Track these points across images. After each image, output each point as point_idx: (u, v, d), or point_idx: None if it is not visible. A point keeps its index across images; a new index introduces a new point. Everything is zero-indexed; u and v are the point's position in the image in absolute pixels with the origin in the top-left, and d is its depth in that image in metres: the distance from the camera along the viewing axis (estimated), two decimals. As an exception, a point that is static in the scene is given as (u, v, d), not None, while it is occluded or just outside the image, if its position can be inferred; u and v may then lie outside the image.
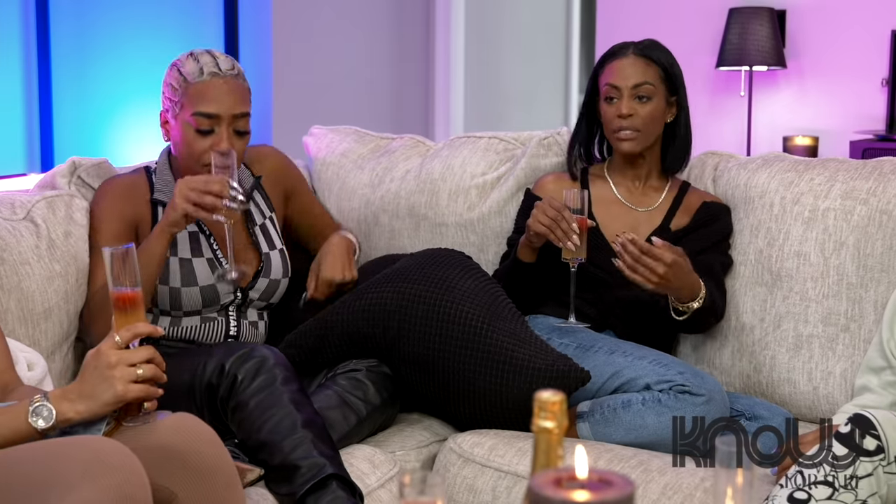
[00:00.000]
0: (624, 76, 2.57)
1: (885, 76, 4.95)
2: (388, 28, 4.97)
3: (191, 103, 2.37)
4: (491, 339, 2.34)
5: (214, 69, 2.38)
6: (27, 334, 2.30)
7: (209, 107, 2.36)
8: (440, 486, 1.20)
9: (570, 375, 2.30)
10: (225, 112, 2.37)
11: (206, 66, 2.38)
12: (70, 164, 2.57)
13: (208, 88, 2.36)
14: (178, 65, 2.42)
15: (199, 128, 2.36)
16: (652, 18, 5.31)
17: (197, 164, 2.38)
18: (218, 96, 2.37)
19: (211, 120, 2.36)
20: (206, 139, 2.37)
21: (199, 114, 2.36)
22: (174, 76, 2.41)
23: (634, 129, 2.56)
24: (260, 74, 4.26)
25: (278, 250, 2.55)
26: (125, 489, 1.58)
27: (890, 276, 2.44)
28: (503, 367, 2.32)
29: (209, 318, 2.46)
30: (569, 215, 2.38)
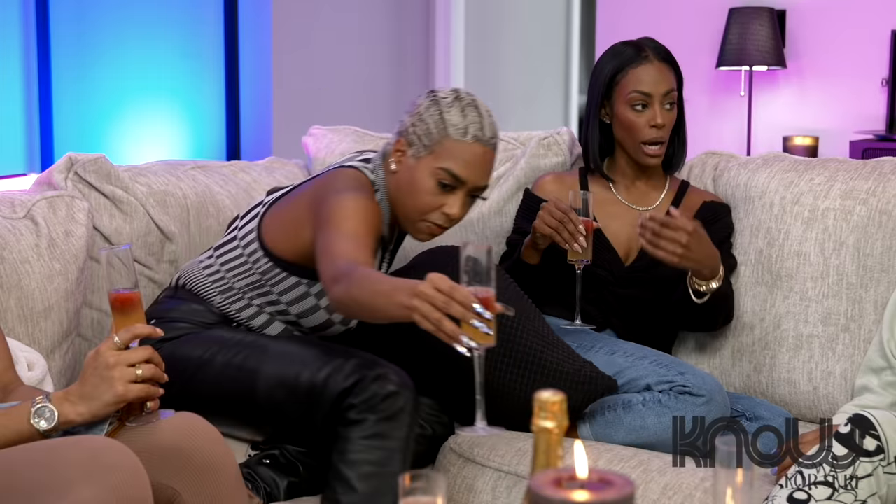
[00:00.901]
0: (654, 83, 2.52)
1: (885, 76, 4.95)
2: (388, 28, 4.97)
3: (442, 157, 2.22)
4: (521, 340, 2.33)
5: (479, 133, 2.23)
6: (27, 333, 2.30)
7: (461, 169, 2.22)
8: (441, 486, 1.20)
9: (597, 381, 2.31)
10: (471, 182, 2.24)
11: (472, 127, 2.23)
12: (67, 160, 2.57)
13: (465, 152, 2.23)
14: (443, 106, 2.25)
15: (443, 182, 2.23)
16: (652, 18, 5.31)
17: (419, 217, 2.26)
18: (471, 163, 2.23)
19: (455, 181, 2.23)
20: (444, 196, 2.24)
21: (448, 172, 2.22)
22: (433, 116, 2.24)
23: (663, 138, 2.55)
24: (260, 74, 4.26)
25: None
26: (125, 489, 1.58)
27: (890, 276, 2.44)
28: (532, 369, 2.31)
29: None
30: (575, 217, 2.37)
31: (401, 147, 2.27)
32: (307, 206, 2.27)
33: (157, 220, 2.60)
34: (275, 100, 4.28)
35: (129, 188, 2.59)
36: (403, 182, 2.26)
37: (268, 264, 2.31)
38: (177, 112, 4.02)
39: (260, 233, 2.34)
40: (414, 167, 2.25)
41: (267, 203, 2.38)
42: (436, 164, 2.22)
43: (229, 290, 2.36)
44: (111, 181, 2.57)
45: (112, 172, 2.58)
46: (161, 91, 3.96)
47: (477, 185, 2.26)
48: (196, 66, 4.10)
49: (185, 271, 2.43)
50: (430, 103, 2.26)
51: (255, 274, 2.33)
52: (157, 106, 3.95)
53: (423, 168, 2.24)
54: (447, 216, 2.25)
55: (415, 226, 2.28)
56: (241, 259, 2.35)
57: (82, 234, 2.45)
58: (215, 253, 2.40)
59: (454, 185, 2.23)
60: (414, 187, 2.25)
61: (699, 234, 2.34)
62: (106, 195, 2.56)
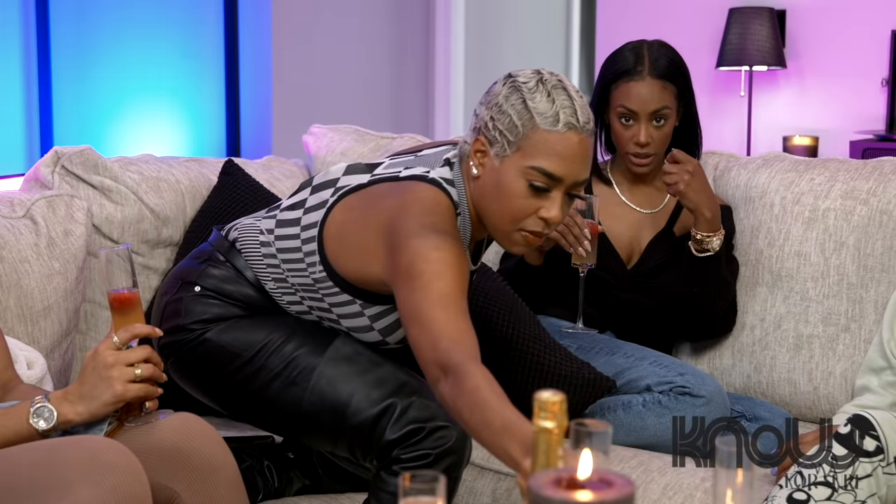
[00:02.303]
0: (641, 101, 2.48)
1: (885, 76, 4.95)
2: (388, 28, 4.97)
3: (531, 153, 1.87)
4: (517, 344, 2.33)
5: (573, 119, 1.87)
6: (26, 332, 2.30)
7: (557, 166, 1.87)
8: (441, 486, 1.20)
9: (596, 383, 2.31)
10: (569, 178, 1.89)
11: (564, 112, 1.87)
12: (53, 154, 2.57)
13: (558, 144, 1.87)
14: (525, 93, 1.89)
15: (535, 184, 1.88)
16: (652, 18, 5.31)
17: (513, 226, 1.93)
18: (566, 157, 1.87)
19: (551, 181, 1.89)
20: (537, 200, 1.90)
21: (542, 171, 1.88)
22: (516, 106, 1.88)
23: (649, 152, 2.53)
24: (260, 74, 4.26)
25: None
26: (124, 489, 1.58)
27: (890, 276, 2.44)
28: (530, 374, 2.31)
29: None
30: (581, 221, 2.36)
31: (481, 147, 1.93)
32: (379, 236, 1.93)
33: (151, 205, 2.59)
34: (275, 99, 4.28)
35: (118, 177, 2.58)
36: (488, 188, 1.92)
37: (322, 274, 2.02)
38: (177, 112, 4.02)
39: (321, 237, 2.02)
40: (499, 169, 1.90)
41: (342, 189, 2.04)
42: (525, 162, 1.88)
43: (283, 283, 2.08)
44: (99, 172, 2.57)
45: (99, 163, 2.58)
46: (161, 91, 3.96)
47: (577, 180, 1.91)
48: (196, 66, 4.10)
49: (242, 235, 2.13)
50: (511, 90, 1.90)
51: (308, 277, 2.04)
52: (157, 106, 3.94)
53: (510, 169, 1.89)
54: (545, 221, 1.91)
55: (509, 238, 1.95)
56: (297, 255, 2.05)
57: (81, 234, 2.45)
58: (276, 229, 2.09)
59: (549, 185, 1.89)
60: (501, 193, 1.90)
61: (700, 174, 2.43)
62: (94, 186, 2.56)
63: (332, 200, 2.03)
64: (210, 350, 2.06)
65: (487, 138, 1.91)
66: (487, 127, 1.91)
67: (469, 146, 1.95)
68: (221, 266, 2.11)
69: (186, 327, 2.07)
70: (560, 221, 1.93)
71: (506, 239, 1.96)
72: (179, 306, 2.09)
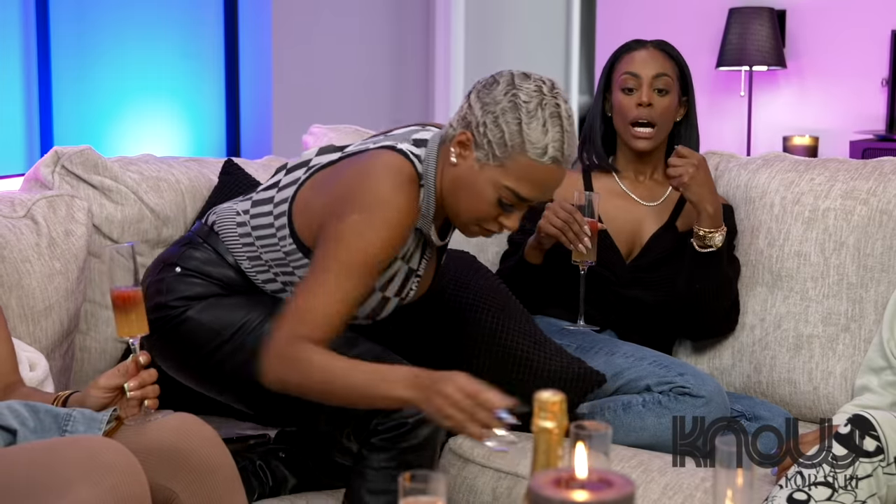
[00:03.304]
0: (645, 65, 2.57)
1: (885, 76, 4.95)
2: (388, 28, 4.97)
3: (511, 174, 1.97)
4: (506, 341, 2.33)
5: (558, 155, 1.96)
6: (28, 332, 2.30)
7: (528, 192, 1.99)
8: (441, 486, 1.20)
9: (586, 378, 2.31)
10: (536, 199, 2.02)
11: (553, 147, 1.95)
12: (53, 154, 2.56)
13: (538, 174, 1.97)
14: (523, 115, 1.95)
15: (504, 201, 2.00)
16: (652, 18, 5.31)
17: (471, 220, 2.05)
18: (541, 185, 1.99)
19: (520, 202, 2.01)
20: (501, 210, 2.02)
21: (513, 192, 1.98)
22: (511, 126, 1.95)
23: (652, 120, 2.55)
24: (260, 74, 4.26)
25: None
26: (123, 489, 1.58)
27: (890, 276, 2.44)
28: (519, 369, 2.31)
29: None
30: (581, 218, 2.37)
31: (465, 141, 2.00)
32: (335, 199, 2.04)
33: (151, 205, 2.59)
34: (275, 99, 4.28)
35: (118, 177, 2.58)
36: (461, 182, 2.02)
37: (291, 246, 2.11)
38: (177, 112, 4.02)
39: (291, 209, 2.11)
40: (477, 172, 1.99)
41: (313, 168, 2.14)
42: (502, 180, 1.97)
43: (257, 260, 2.16)
44: (99, 171, 2.57)
45: (99, 163, 2.58)
46: (161, 91, 3.96)
47: (541, 201, 2.09)
48: (196, 66, 4.10)
49: (220, 218, 2.22)
50: (510, 105, 1.96)
51: (279, 252, 2.13)
52: (157, 106, 3.94)
53: (486, 178, 1.98)
54: (504, 227, 2.04)
55: (466, 228, 2.08)
56: (270, 231, 2.14)
57: (82, 234, 2.45)
58: (251, 209, 2.18)
59: (516, 204, 2.01)
60: (471, 193, 2.00)
61: (705, 168, 2.45)
62: (94, 186, 2.55)
63: (304, 178, 2.13)
64: (191, 329, 2.13)
65: (475, 139, 1.98)
66: (478, 128, 1.98)
67: (454, 132, 2.02)
68: (202, 248, 2.19)
69: (168, 304, 2.15)
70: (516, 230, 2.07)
71: (463, 227, 2.09)
72: (161, 286, 2.17)
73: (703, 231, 2.45)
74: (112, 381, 1.80)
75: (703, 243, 2.46)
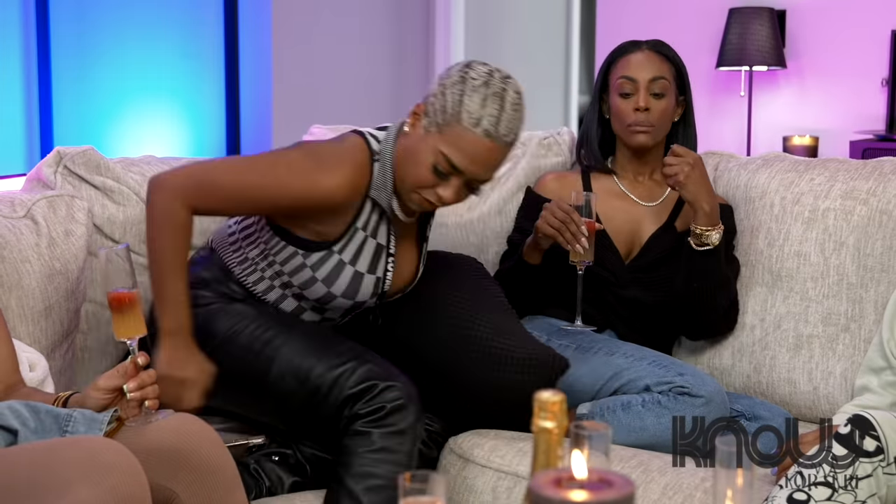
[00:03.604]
0: (641, 69, 2.56)
1: (885, 76, 4.95)
2: (388, 28, 4.97)
3: (447, 140, 2.12)
4: (473, 331, 2.34)
5: (491, 129, 2.11)
6: (27, 332, 2.30)
7: (460, 160, 2.12)
8: (441, 486, 1.20)
9: (549, 364, 2.31)
10: (469, 174, 2.15)
11: (486, 120, 2.11)
12: (55, 154, 2.56)
13: (470, 143, 2.12)
14: (468, 87, 2.13)
15: (438, 167, 2.14)
16: (652, 18, 5.31)
17: (411, 188, 2.19)
18: (476, 156, 2.13)
19: (452, 169, 2.14)
20: (438, 179, 2.15)
21: (447, 158, 2.12)
22: (455, 95, 2.13)
23: (649, 123, 2.56)
24: (260, 74, 4.26)
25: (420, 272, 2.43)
26: (123, 489, 1.58)
27: (890, 276, 2.44)
28: (483, 359, 2.32)
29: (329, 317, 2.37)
30: (578, 218, 2.38)
31: (419, 112, 2.18)
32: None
33: None
34: (275, 99, 4.28)
35: (120, 178, 2.58)
36: (410, 150, 2.18)
37: (269, 232, 2.26)
38: (177, 112, 4.02)
39: None
40: (422, 139, 2.15)
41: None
42: (439, 146, 2.12)
43: (245, 261, 2.29)
44: (101, 172, 2.56)
45: (102, 163, 2.57)
46: (161, 91, 3.96)
47: (476, 178, 2.17)
48: (196, 66, 4.10)
49: (216, 233, 2.39)
50: (459, 79, 2.14)
51: (261, 243, 2.27)
52: (157, 106, 3.94)
53: (428, 143, 2.14)
54: (439, 198, 2.17)
55: (408, 195, 2.20)
56: (253, 226, 2.30)
57: (82, 234, 2.45)
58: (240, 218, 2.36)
59: (450, 173, 2.14)
60: (415, 159, 2.16)
61: (700, 167, 2.46)
62: (97, 186, 2.55)
63: None
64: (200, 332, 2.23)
65: (426, 108, 2.16)
66: (429, 99, 2.16)
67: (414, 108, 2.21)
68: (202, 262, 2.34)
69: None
70: (454, 203, 2.19)
71: (405, 196, 2.21)
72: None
73: (700, 229, 2.45)
74: (111, 383, 1.80)
75: (700, 242, 2.46)
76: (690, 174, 2.43)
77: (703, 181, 2.45)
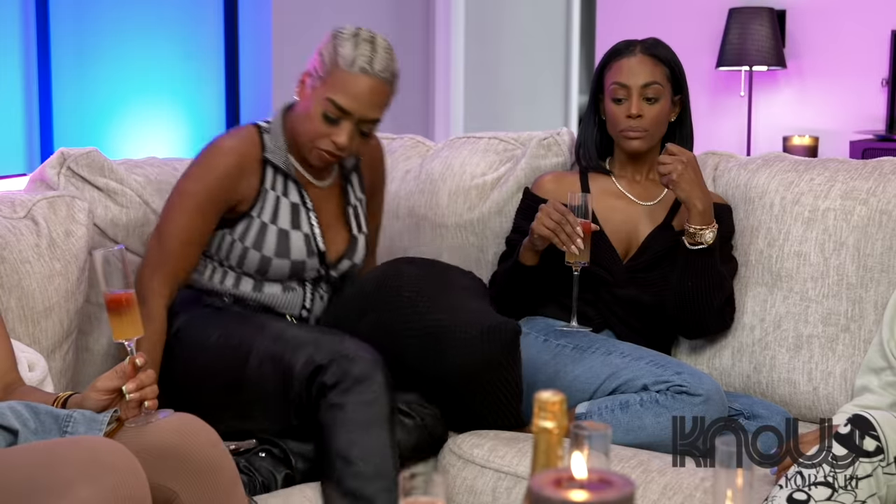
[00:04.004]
0: (633, 75, 2.55)
1: (885, 76, 4.95)
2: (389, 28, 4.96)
3: (330, 87, 2.32)
4: (430, 318, 2.36)
5: (366, 66, 2.32)
6: (27, 332, 2.30)
7: (345, 101, 2.31)
8: (441, 486, 1.20)
9: (499, 328, 2.32)
10: (357, 112, 2.32)
11: (361, 58, 2.31)
12: (59, 155, 2.56)
13: (352, 83, 2.31)
14: (338, 40, 2.34)
15: (328, 114, 2.32)
16: (652, 18, 5.31)
17: (311, 144, 2.37)
18: (358, 94, 2.32)
19: (341, 113, 2.32)
20: (329, 127, 2.33)
21: (333, 103, 2.31)
22: (329, 50, 2.34)
23: (643, 129, 2.56)
24: (260, 74, 4.26)
25: (364, 235, 2.57)
26: (123, 489, 1.58)
27: (890, 276, 2.44)
28: (440, 342, 2.33)
29: (290, 287, 2.47)
30: (573, 219, 2.38)
31: (303, 78, 2.38)
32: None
33: (155, 207, 2.58)
34: (275, 99, 4.28)
35: (123, 180, 2.58)
36: (301, 112, 2.37)
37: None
38: (177, 112, 4.02)
39: None
40: (310, 96, 2.35)
41: None
42: (325, 94, 2.31)
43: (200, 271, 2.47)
44: (104, 174, 2.56)
45: (105, 165, 2.57)
46: (161, 91, 3.96)
47: (364, 117, 2.33)
48: (196, 66, 4.10)
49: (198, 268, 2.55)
50: (331, 37, 2.36)
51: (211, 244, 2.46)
52: (157, 106, 3.94)
53: (315, 97, 2.33)
54: (336, 144, 2.33)
55: (308, 152, 2.38)
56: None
57: (83, 234, 2.45)
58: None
59: (339, 116, 2.31)
60: (307, 115, 2.35)
61: (694, 165, 2.46)
62: (100, 188, 2.55)
63: None
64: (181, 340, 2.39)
65: (309, 72, 2.36)
66: (310, 64, 2.36)
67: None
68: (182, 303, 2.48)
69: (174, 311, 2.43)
70: (350, 149, 2.36)
71: (308, 153, 2.39)
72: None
73: (694, 228, 2.45)
74: (110, 384, 1.80)
75: (694, 241, 2.46)
76: (684, 173, 2.43)
77: (696, 179, 2.45)
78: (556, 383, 2.35)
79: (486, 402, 2.37)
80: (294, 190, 2.45)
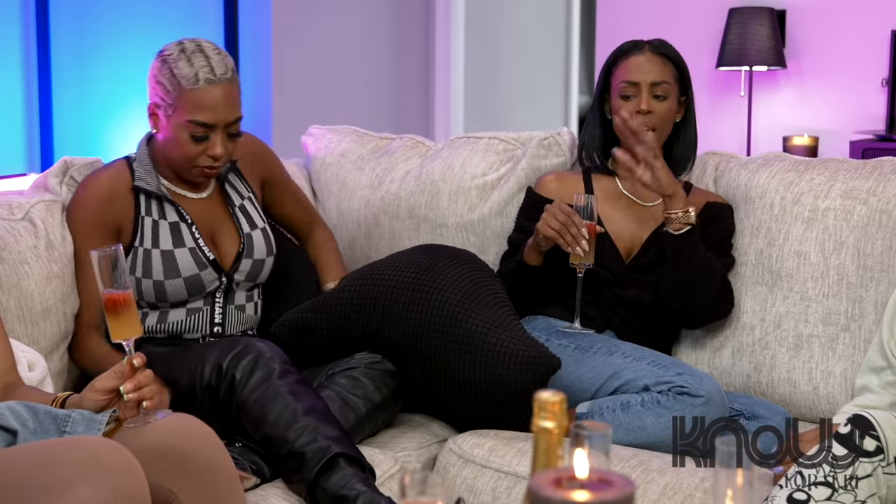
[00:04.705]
0: (643, 72, 2.56)
1: (885, 76, 4.95)
2: (388, 28, 4.97)
3: (186, 110, 2.34)
4: (466, 325, 2.35)
5: (210, 75, 2.34)
6: (26, 333, 2.30)
7: (206, 116, 2.34)
8: (440, 486, 1.20)
9: (540, 361, 2.30)
10: (220, 121, 2.36)
11: (202, 71, 2.34)
12: (62, 163, 2.56)
13: (204, 97, 2.33)
14: (171, 63, 2.36)
15: (195, 135, 2.35)
16: (652, 18, 5.31)
17: (189, 165, 2.40)
18: (214, 105, 2.34)
19: (207, 128, 2.35)
20: (200, 145, 2.36)
21: (195, 122, 2.34)
22: (166, 75, 2.36)
23: (651, 126, 2.56)
24: (260, 74, 4.26)
25: (260, 229, 2.55)
26: (122, 489, 1.58)
27: (890, 276, 2.44)
28: (475, 352, 2.33)
29: (194, 308, 2.46)
30: (578, 220, 2.38)
31: (152, 111, 2.40)
32: None
33: None
34: (274, 100, 4.28)
35: None
36: (165, 142, 2.40)
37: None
38: (176, 112, 4.01)
39: None
40: (168, 126, 2.37)
41: None
42: (183, 118, 2.34)
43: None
44: None
45: None
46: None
47: (227, 121, 2.37)
48: (196, 66, 4.09)
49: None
50: (161, 63, 2.38)
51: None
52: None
53: (174, 124, 2.36)
54: (214, 157, 2.38)
55: (190, 174, 2.43)
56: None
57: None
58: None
59: (206, 132, 2.35)
60: (174, 142, 2.37)
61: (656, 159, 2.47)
62: None
63: None
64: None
65: (155, 104, 2.38)
66: (152, 96, 2.38)
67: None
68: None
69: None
70: (227, 156, 2.41)
71: (188, 175, 2.44)
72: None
73: (680, 213, 2.46)
74: (108, 384, 1.80)
75: (682, 223, 2.46)
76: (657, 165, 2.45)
77: (664, 169, 2.47)
78: (558, 383, 2.35)
79: (501, 417, 2.38)
80: (171, 210, 2.45)
